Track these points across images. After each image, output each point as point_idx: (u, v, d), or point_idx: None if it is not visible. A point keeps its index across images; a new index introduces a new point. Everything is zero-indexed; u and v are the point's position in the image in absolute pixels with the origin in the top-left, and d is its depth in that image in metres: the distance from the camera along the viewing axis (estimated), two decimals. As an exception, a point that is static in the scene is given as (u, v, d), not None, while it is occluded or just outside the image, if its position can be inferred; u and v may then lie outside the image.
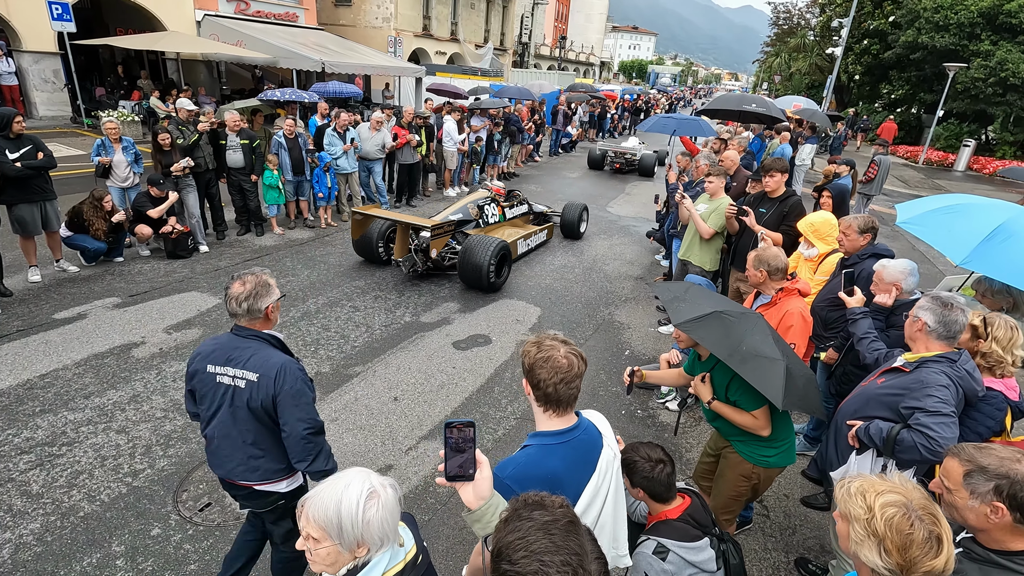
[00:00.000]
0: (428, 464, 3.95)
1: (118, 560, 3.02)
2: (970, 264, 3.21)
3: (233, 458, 2.34)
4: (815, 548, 3.50)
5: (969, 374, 2.33)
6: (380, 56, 20.87)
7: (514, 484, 1.61)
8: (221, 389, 2.29)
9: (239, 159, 7.72)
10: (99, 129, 13.95)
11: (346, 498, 1.28)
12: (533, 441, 1.75)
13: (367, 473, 1.37)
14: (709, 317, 2.53)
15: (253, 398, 2.23)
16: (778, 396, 2.29)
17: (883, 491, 1.40)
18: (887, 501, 1.37)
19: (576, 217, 9.27)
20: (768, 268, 3.22)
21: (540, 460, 1.69)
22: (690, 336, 2.51)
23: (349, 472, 1.37)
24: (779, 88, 39.59)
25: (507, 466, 1.69)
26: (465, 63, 29.42)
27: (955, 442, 2.13)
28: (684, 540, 2.08)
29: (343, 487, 1.31)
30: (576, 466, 1.73)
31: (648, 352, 5.88)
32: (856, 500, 1.42)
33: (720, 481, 2.93)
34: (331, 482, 1.34)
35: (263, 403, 2.23)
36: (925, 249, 10.64)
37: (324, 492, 1.31)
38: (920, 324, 2.44)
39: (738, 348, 2.41)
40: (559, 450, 1.71)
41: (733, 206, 5.17)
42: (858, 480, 1.46)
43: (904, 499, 1.37)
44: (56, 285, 6.22)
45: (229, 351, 2.29)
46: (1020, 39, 20.33)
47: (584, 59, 62.42)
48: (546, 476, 1.66)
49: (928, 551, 1.31)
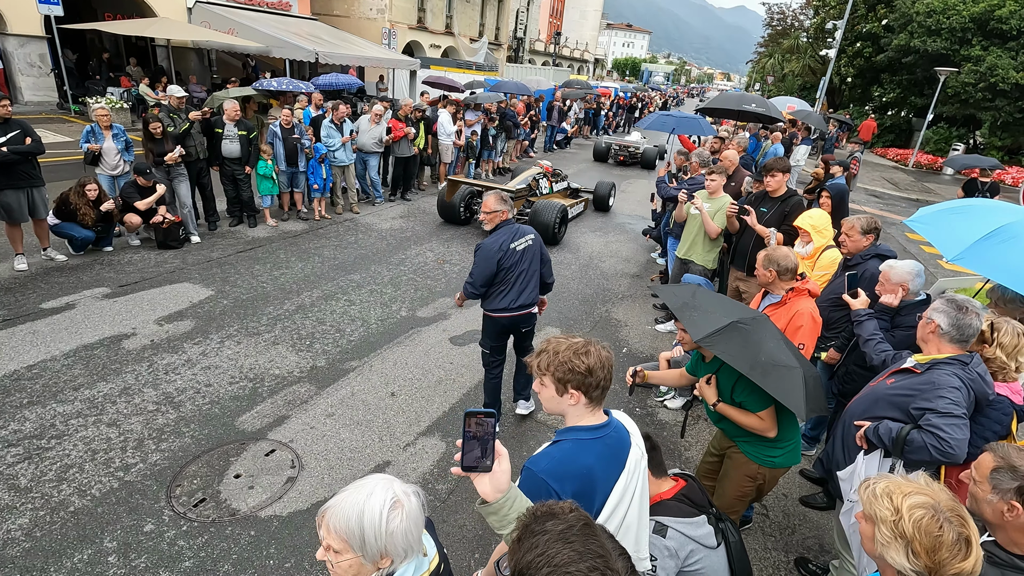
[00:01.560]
0: (427, 460, 3.90)
1: (110, 556, 2.95)
2: (961, 261, 3.20)
3: (531, 288, 3.99)
4: (815, 548, 3.51)
5: (981, 377, 2.32)
6: (374, 48, 20.67)
7: (550, 479, 1.58)
8: (520, 255, 3.92)
9: (235, 149, 7.58)
10: (86, 116, 13.71)
11: (368, 508, 1.22)
12: (567, 436, 1.72)
13: (390, 480, 1.30)
14: (727, 329, 2.50)
15: (535, 247, 4.02)
16: (801, 407, 2.30)
17: (910, 492, 1.38)
18: (915, 503, 1.35)
19: (607, 193, 11.04)
20: (778, 268, 3.20)
21: (576, 455, 1.66)
22: (712, 352, 2.48)
23: (371, 479, 1.30)
24: (772, 89, 39.81)
25: (540, 460, 1.65)
26: (460, 57, 29.23)
27: (966, 444, 2.13)
28: (680, 517, 2.12)
29: (365, 496, 1.24)
30: (609, 463, 1.71)
31: (645, 350, 5.87)
32: (883, 502, 1.39)
33: (724, 481, 2.92)
34: (353, 490, 1.27)
35: (539, 250, 4.03)
36: (916, 251, 10.75)
37: (345, 501, 1.24)
38: (933, 326, 2.42)
39: (758, 359, 2.39)
40: (594, 446, 1.69)
41: (734, 205, 5.16)
42: (883, 481, 1.44)
43: (932, 500, 1.35)
44: (43, 274, 6.08)
45: (513, 232, 3.94)
46: (1010, 45, 20.56)
47: (579, 56, 62.34)
48: (581, 472, 1.64)
49: (957, 553, 1.29)
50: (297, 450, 3.86)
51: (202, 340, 5.12)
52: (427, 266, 7.50)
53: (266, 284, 6.40)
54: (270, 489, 3.50)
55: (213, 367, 4.73)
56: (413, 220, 9.52)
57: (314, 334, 5.43)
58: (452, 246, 8.40)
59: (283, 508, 3.37)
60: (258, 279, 6.51)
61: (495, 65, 31.40)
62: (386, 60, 20.05)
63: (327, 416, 4.25)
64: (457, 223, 9.45)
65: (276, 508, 3.36)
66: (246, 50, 17.00)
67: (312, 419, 4.20)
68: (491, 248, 3.89)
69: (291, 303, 6.01)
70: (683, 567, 2.05)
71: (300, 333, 5.42)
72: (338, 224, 8.83)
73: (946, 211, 3.84)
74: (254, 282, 6.42)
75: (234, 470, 3.63)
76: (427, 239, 8.60)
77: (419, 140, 10.39)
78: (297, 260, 7.21)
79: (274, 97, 11.61)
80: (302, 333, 5.43)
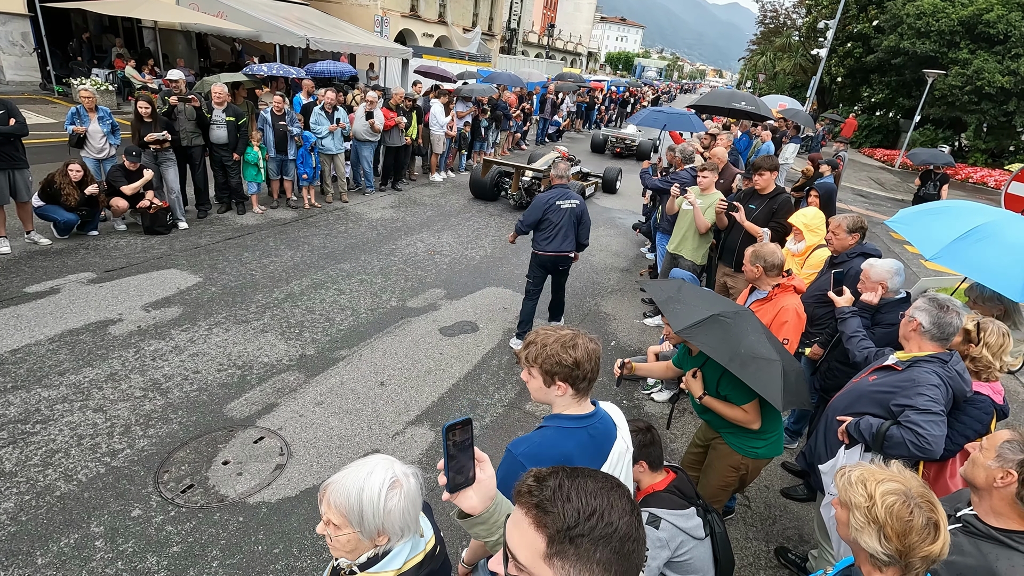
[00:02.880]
0: (415, 449, 3.93)
1: (97, 541, 2.95)
2: (940, 259, 3.28)
3: (568, 239, 5.16)
4: (794, 538, 3.59)
5: (959, 375, 2.39)
6: (366, 35, 20.44)
7: (527, 461, 1.62)
8: (564, 212, 5.08)
9: (223, 135, 7.49)
10: (71, 97, 13.44)
11: (368, 486, 1.25)
12: (550, 423, 1.76)
13: (391, 461, 1.33)
14: (708, 321, 2.56)
15: (578, 209, 5.16)
16: (778, 398, 2.35)
17: (883, 479, 1.44)
18: (887, 489, 1.41)
19: (614, 177, 12.43)
20: (764, 264, 3.26)
21: (556, 442, 1.70)
22: (692, 343, 2.53)
23: (372, 459, 1.34)
24: (763, 87, 40.01)
25: (521, 443, 1.69)
26: (452, 47, 29.02)
27: (943, 440, 2.19)
28: (672, 508, 2.19)
29: (366, 474, 1.27)
30: (589, 453, 1.73)
31: (633, 343, 5.93)
32: (857, 488, 1.45)
33: (709, 471, 2.98)
34: (354, 468, 1.30)
35: (581, 213, 5.18)
36: (900, 251, 10.92)
37: (347, 478, 1.28)
38: (915, 324, 2.49)
39: (737, 352, 2.45)
40: (576, 435, 1.72)
41: (723, 201, 5.21)
42: (858, 469, 1.50)
43: (903, 487, 1.41)
44: (27, 257, 5.99)
45: (562, 193, 5.09)
46: (997, 49, 20.85)
47: (572, 49, 62.12)
48: (559, 458, 1.66)
49: (926, 537, 1.35)
50: (286, 438, 3.86)
51: (190, 327, 5.09)
52: (417, 257, 7.49)
53: (255, 272, 6.36)
54: (259, 476, 3.51)
55: (201, 354, 4.71)
56: (404, 210, 9.49)
57: (303, 323, 5.42)
58: (443, 237, 8.39)
59: (272, 495, 3.38)
60: (247, 267, 6.47)
61: (488, 56, 31.21)
62: (378, 48, 19.84)
63: (316, 404, 4.26)
64: (488, 199, 10.80)
65: (265, 495, 3.37)
66: (236, 34, 16.74)
67: (301, 407, 4.20)
68: (542, 200, 5.12)
69: (280, 291, 5.99)
70: (672, 557, 2.11)
71: (289, 322, 5.41)
72: (328, 213, 8.78)
73: (925, 212, 3.93)
74: (243, 270, 6.38)
75: (222, 457, 3.63)
76: (418, 230, 8.58)
77: (411, 130, 10.32)
78: (286, 248, 7.17)
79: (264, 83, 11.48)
80: (291, 322, 5.41)
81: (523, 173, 10.44)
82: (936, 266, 9.87)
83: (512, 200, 10.54)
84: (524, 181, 10.41)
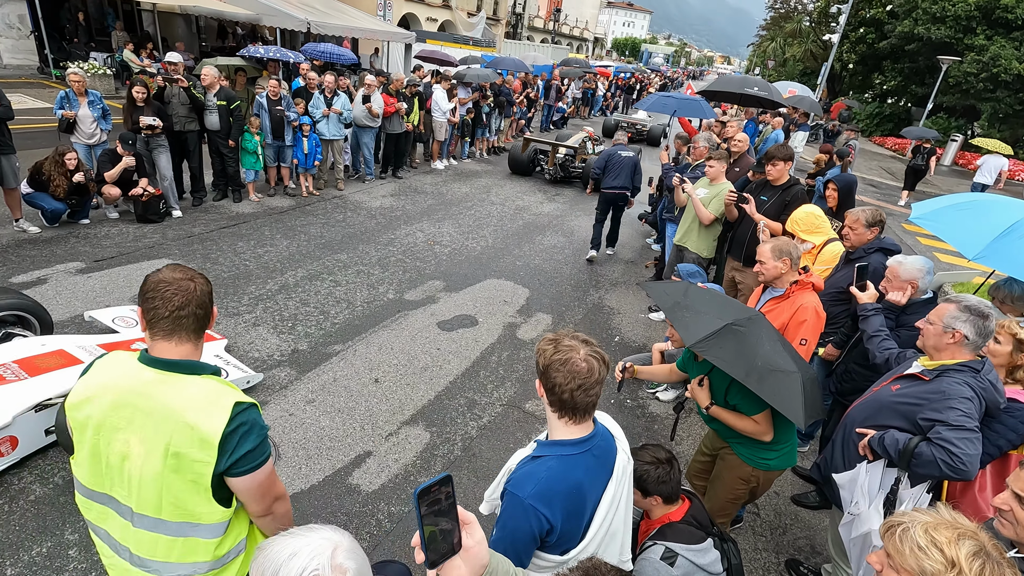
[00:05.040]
0: (409, 451, 3.77)
1: (71, 550, 2.80)
2: (984, 260, 3.09)
3: (623, 178, 7.03)
4: (806, 548, 3.42)
5: (992, 385, 2.19)
6: (369, 19, 20.06)
7: (539, 504, 1.44)
8: (623, 159, 7.03)
9: (215, 120, 7.27)
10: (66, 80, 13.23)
11: (284, 570, 1.00)
12: (550, 452, 1.57)
13: (332, 546, 1.04)
14: (721, 332, 2.35)
15: (633, 159, 7.07)
16: (799, 416, 2.17)
17: (957, 536, 1.18)
18: (970, 551, 1.16)
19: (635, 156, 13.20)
20: (791, 258, 3.04)
21: (564, 473, 1.52)
22: (706, 357, 2.32)
23: (311, 537, 1.06)
24: (772, 74, 39.34)
25: (525, 484, 1.49)
26: (457, 31, 28.54)
27: (978, 459, 2.00)
28: (690, 542, 2.01)
29: (288, 555, 1.01)
30: (597, 475, 1.58)
31: (638, 339, 5.74)
32: (932, 554, 1.17)
33: (717, 483, 2.80)
34: (287, 540, 1.05)
35: (636, 162, 7.10)
36: (912, 243, 10.66)
37: (273, 547, 1.03)
38: (958, 337, 2.24)
39: (754, 365, 2.25)
40: (582, 460, 1.55)
41: (733, 192, 4.99)
42: (918, 525, 1.23)
43: (978, 543, 1.17)
44: (14, 246, 5.83)
45: (622, 148, 7.20)
46: (1015, 35, 20.30)
47: (578, 34, 61.24)
48: (571, 490, 1.51)
49: None
50: (274, 438, 3.70)
51: (179, 320, 4.91)
52: (416, 247, 7.30)
53: (249, 262, 6.18)
54: (244, 479, 3.35)
55: (190, 348, 4.54)
56: (404, 199, 9.28)
57: (297, 316, 5.25)
58: (443, 227, 8.19)
59: (257, 500, 3.22)
60: (240, 256, 6.29)
61: (493, 41, 30.70)
62: (381, 32, 19.46)
63: (307, 403, 4.10)
64: (525, 174, 11.84)
65: (250, 500, 3.22)
66: (236, 17, 16.39)
67: (291, 405, 4.04)
68: (607, 152, 7.24)
69: (274, 282, 5.81)
70: None
71: (282, 314, 5.24)
72: (326, 201, 8.58)
73: (951, 207, 3.71)
74: (236, 259, 6.20)
75: (207, 458, 3.48)
76: (418, 219, 8.37)
77: (412, 116, 10.07)
78: (282, 237, 6.98)
79: (264, 67, 11.22)
80: (284, 315, 5.24)
81: (557, 150, 11.49)
82: (952, 259, 9.63)
83: (548, 175, 11.56)
84: (558, 158, 11.46)
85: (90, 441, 1.47)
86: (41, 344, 3.66)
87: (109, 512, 1.54)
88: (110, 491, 1.50)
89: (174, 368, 1.46)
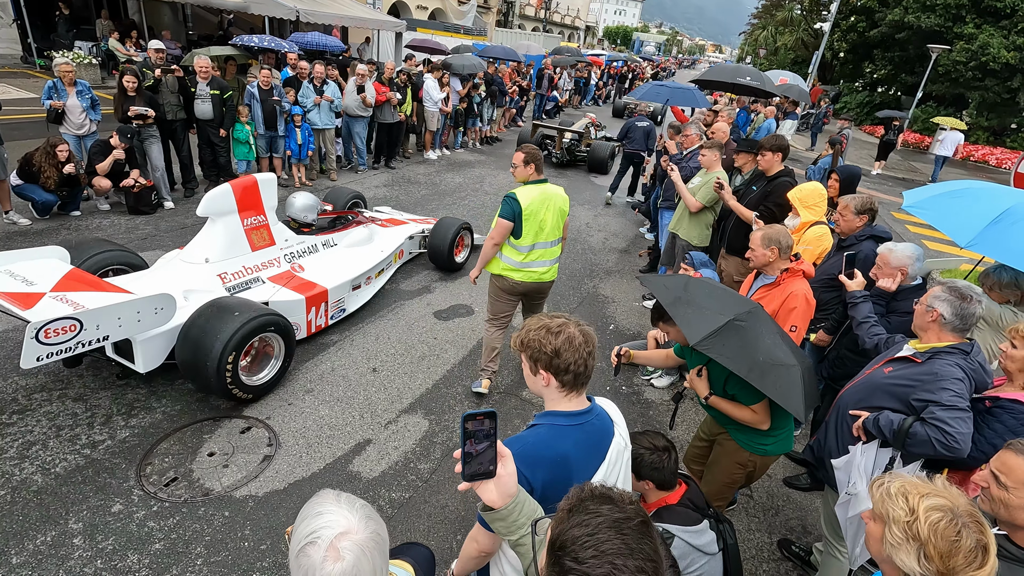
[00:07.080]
0: (409, 439, 3.81)
1: (75, 538, 2.82)
2: (976, 247, 3.15)
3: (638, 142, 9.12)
4: (797, 529, 3.51)
5: (981, 366, 2.26)
6: (359, 7, 19.82)
7: (521, 463, 1.48)
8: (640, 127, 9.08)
9: (208, 110, 7.21)
10: (52, 71, 12.99)
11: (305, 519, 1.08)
12: (544, 420, 1.64)
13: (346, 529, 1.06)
14: (724, 329, 2.37)
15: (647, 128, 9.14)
16: (799, 409, 2.24)
17: (927, 493, 1.30)
18: (932, 505, 1.27)
19: None
20: (780, 246, 3.09)
21: (551, 441, 1.58)
22: (710, 355, 2.35)
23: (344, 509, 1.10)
24: (763, 62, 39.33)
25: (513, 443, 1.55)
26: (447, 19, 28.29)
27: (970, 437, 2.07)
28: (687, 524, 2.06)
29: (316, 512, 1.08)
30: (587, 452, 1.62)
31: (633, 327, 5.80)
32: (897, 501, 1.31)
33: (714, 468, 2.86)
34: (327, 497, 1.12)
35: (650, 130, 9.12)
36: (902, 231, 10.78)
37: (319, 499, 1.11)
38: (935, 315, 2.33)
39: (756, 361, 2.29)
40: (572, 433, 1.61)
41: (720, 180, 5.02)
42: (898, 480, 1.36)
43: (950, 504, 1.27)
44: (4, 238, 5.77)
45: (638, 119, 9.26)
46: (1003, 23, 20.42)
47: (569, 22, 60.82)
48: (556, 458, 1.56)
49: (973, 560, 1.22)
50: (274, 427, 3.73)
51: (175, 311, 4.90)
52: (411, 237, 7.28)
53: (243, 253, 6.15)
54: (245, 468, 3.38)
55: (186, 340, 4.54)
56: (397, 189, 9.25)
57: (293, 306, 5.24)
58: (437, 216, 8.16)
59: (259, 488, 3.26)
60: (235, 248, 6.25)
61: (484, 29, 30.47)
62: (371, 21, 19.25)
63: (306, 392, 4.12)
64: None
65: (252, 488, 3.25)
66: (223, 6, 16.16)
67: (290, 395, 4.07)
68: (627, 123, 9.07)
69: (269, 273, 5.79)
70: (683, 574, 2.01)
71: (278, 305, 5.23)
72: (319, 192, 8.53)
73: (942, 195, 3.76)
74: (231, 251, 6.16)
75: (208, 448, 3.50)
76: (412, 209, 8.35)
77: (405, 106, 10.02)
78: (276, 228, 6.94)
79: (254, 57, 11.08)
80: (281, 305, 5.23)
81: (564, 135, 12.18)
82: (940, 247, 9.76)
83: (555, 159, 12.04)
84: (565, 142, 12.08)
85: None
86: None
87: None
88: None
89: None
